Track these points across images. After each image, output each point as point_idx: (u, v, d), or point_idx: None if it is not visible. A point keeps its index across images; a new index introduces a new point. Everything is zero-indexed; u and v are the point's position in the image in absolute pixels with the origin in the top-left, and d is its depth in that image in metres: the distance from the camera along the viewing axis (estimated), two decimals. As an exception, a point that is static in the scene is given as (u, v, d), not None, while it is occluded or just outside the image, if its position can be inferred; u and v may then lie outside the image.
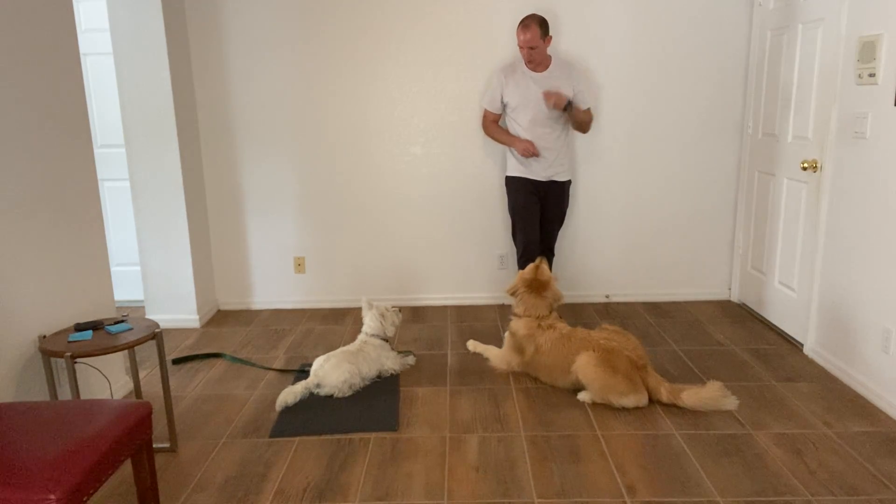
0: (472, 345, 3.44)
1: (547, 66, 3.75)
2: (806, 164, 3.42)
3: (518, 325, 3.28)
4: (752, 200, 4.12)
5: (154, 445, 2.59)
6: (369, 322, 3.40)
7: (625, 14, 4.06)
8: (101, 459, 1.79)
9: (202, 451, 2.67)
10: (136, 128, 3.86)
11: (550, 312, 3.28)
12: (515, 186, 3.88)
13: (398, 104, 4.19)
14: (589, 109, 3.86)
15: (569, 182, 3.96)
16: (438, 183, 4.26)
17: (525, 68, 3.76)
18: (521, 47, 3.63)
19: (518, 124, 3.78)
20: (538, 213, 3.88)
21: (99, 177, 3.83)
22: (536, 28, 3.56)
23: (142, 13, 3.69)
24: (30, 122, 2.54)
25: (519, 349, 3.25)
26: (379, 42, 4.10)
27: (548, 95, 3.63)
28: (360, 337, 3.39)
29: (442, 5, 4.05)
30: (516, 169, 3.86)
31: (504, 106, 3.83)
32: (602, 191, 4.30)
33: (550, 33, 3.67)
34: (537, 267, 3.34)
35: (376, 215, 4.34)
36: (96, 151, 4.35)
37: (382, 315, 3.40)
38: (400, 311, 3.53)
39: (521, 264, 3.81)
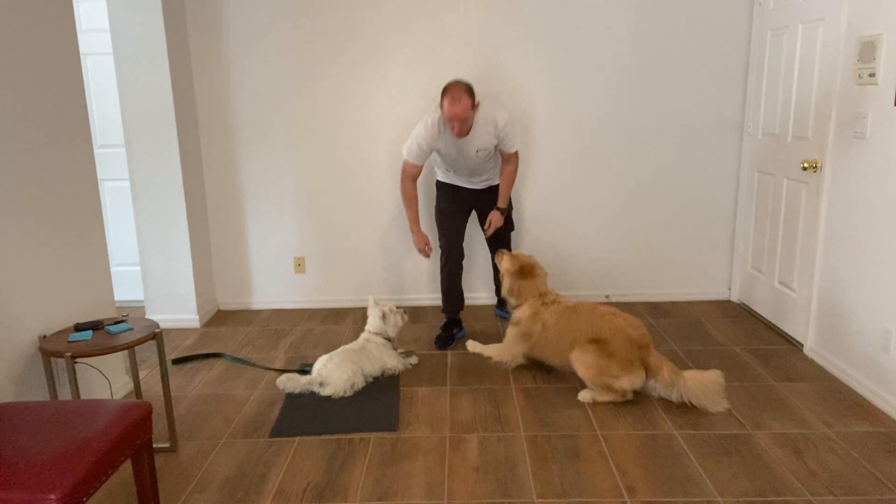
0: (472, 345, 3.44)
1: (469, 129, 3.42)
2: (806, 164, 3.42)
3: (522, 311, 3.27)
4: (752, 200, 4.12)
5: (154, 445, 2.59)
6: (372, 321, 3.41)
7: (625, 14, 4.06)
8: (101, 459, 1.79)
9: (202, 451, 2.67)
10: (136, 128, 3.86)
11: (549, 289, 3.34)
12: (444, 191, 3.76)
13: (398, 104, 4.19)
14: (515, 154, 3.62)
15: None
16: (438, 183, 4.26)
17: (450, 132, 3.43)
18: (449, 119, 3.30)
19: (447, 168, 3.68)
20: (464, 220, 3.76)
21: (99, 177, 3.84)
22: (467, 99, 3.27)
23: (142, 13, 3.69)
24: (30, 122, 2.54)
25: (525, 335, 3.23)
26: (379, 42, 4.10)
27: (489, 227, 3.68)
28: (363, 335, 3.40)
29: (442, 5, 4.05)
30: (446, 177, 3.76)
31: (433, 154, 3.59)
32: (602, 190, 4.30)
33: (477, 101, 3.40)
34: (512, 257, 3.40)
35: (376, 215, 4.35)
36: (96, 151, 4.36)
37: (384, 315, 3.40)
38: (405, 312, 3.53)
39: (444, 272, 3.73)
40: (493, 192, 3.75)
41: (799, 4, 3.56)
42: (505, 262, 3.40)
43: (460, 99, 3.26)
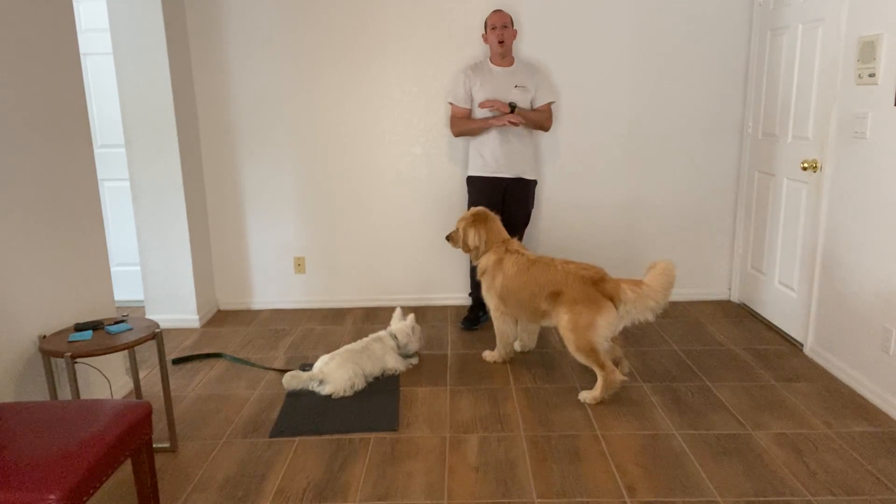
0: (487, 355, 3.51)
1: (512, 63, 3.83)
2: (806, 164, 3.42)
3: (485, 260, 3.34)
4: (752, 200, 4.12)
5: (154, 445, 2.59)
6: (400, 327, 3.43)
7: (625, 13, 4.06)
8: (101, 459, 1.79)
9: (202, 451, 2.67)
10: (136, 128, 3.86)
11: (511, 237, 3.39)
12: (478, 186, 3.87)
13: (398, 104, 4.19)
14: (549, 106, 3.89)
15: (534, 182, 3.95)
16: (438, 183, 4.26)
17: (491, 65, 3.81)
18: (492, 27, 3.71)
19: (481, 139, 3.81)
20: (499, 213, 3.80)
21: (99, 177, 3.84)
22: (509, 15, 3.76)
23: (142, 13, 3.69)
24: (30, 122, 2.54)
25: (490, 284, 3.32)
26: (379, 42, 4.10)
27: (488, 104, 3.69)
28: (376, 334, 3.40)
29: (442, 6, 4.05)
30: (481, 168, 3.85)
31: (472, 101, 3.83)
32: (601, 190, 4.30)
33: (515, 28, 3.85)
34: (475, 212, 3.43)
35: (376, 215, 4.35)
36: (96, 151, 4.35)
37: (413, 329, 3.45)
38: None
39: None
40: (526, 186, 3.87)
41: (799, 4, 3.56)
42: (464, 215, 3.44)
43: (501, 10, 3.78)
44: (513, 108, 3.70)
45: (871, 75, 2.95)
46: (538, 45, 4.09)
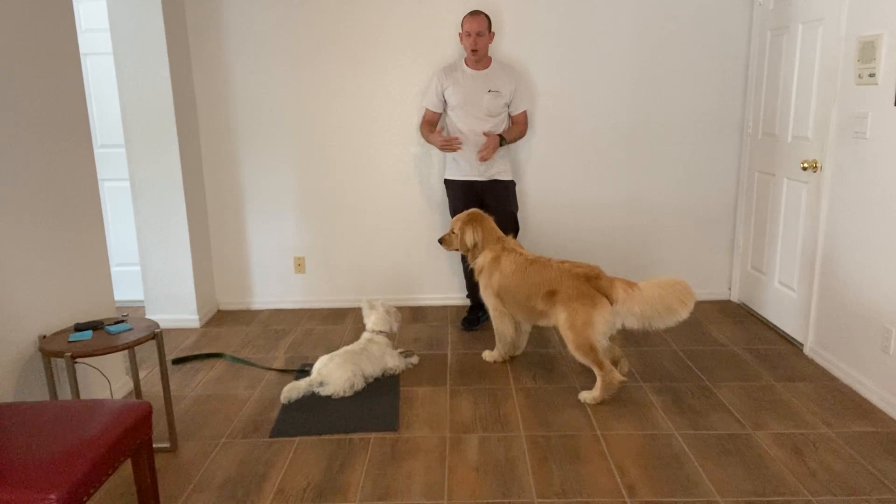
0: (486, 354, 3.51)
1: (487, 65, 3.80)
2: (806, 164, 3.42)
3: (482, 258, 3.34)
4: (752, 200, 4.12)
5: (154, 445, 2.58)
6: (375, 319, 3.42)
7: (625, 13, 4.06)
8: (100, 459, 1.79)
9: (202, 451, 2.67)
10: (136, 128, 3.86)
11: (506, 235, 3.39)
12: (453, 190, 3.90)
13: (398, 104, 4.19)
14: (524, 114, 3.91)
15: (512, 182, 3.93)
16: (438, 182, 4.26)
17: (465, 67, 3.80)
18: (467, 34, 3.66)
19: (457, 123, 3.79)
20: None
21: (99, 177, 3.84)
22: (484, 18, 3.67)
23: (142, 13, 3.69)
24: (30, 122, 2.54)
25: (487, 283, 3.32)
26: (379, 42, 4.10)
27: (481, 154, 3.69)
28: (365, 335, 3.40)
29: (442, 6, 4.05)
30: (454, 171, 3.86)
31: (444, 104, 3.85)
32: (601, 190, 4.30)
33: (493, 30, 3.80)
34: (470, 213, 3.42)
35: (376, 215, 4.35)
36: (96, 151, 4.35)
37: (388, 311, 3.44)
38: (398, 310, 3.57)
39: (466, 263, 3.81)
40: (503, 187, 3.83)
41: (799, 4, 3.57)
42: (457, 217, 3.44)
43: (477, 15, 3.67)
44: (501, 143, 3.74)
45: (871, 75, 2.95)
46: (538, 45, 4.09)
